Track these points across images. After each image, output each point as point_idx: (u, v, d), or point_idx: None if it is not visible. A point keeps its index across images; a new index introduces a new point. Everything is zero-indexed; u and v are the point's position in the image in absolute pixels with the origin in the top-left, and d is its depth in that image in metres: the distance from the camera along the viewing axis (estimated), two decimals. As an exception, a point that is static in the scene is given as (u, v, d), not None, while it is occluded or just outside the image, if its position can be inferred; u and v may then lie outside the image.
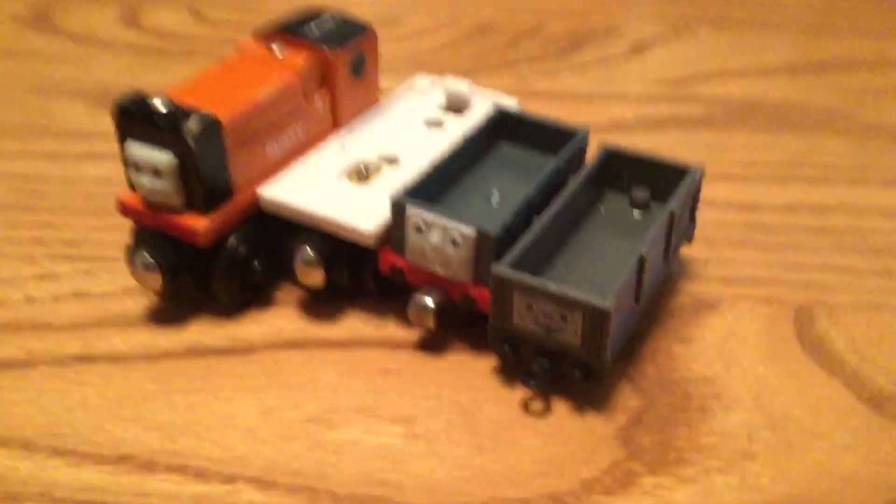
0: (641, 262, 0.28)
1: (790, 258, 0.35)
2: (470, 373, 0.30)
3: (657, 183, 0.33)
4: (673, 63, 0.51)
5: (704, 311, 0.33)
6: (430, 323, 0.30)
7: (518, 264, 0.28)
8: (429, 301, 0.29)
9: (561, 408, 0.29)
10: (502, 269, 0.27)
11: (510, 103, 0.37)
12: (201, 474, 0.26)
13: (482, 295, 0.29)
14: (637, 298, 0.29)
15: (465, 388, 0.29)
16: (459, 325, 0.31)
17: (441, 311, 0.30)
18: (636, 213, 0.33)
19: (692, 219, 0.33)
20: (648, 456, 0.27)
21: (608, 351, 0.27)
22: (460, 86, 0.37)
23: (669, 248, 0.31)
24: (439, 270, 0.29)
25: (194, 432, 0.28)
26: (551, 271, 0.30)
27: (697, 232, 0.34)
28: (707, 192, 0.39)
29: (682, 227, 0.32)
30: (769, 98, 0.47)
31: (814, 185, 0.40)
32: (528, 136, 0.35)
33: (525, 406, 0.28)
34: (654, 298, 0.32)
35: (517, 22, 0.55)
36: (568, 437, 0.28)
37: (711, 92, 0.48)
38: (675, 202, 0.30)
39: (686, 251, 0.35)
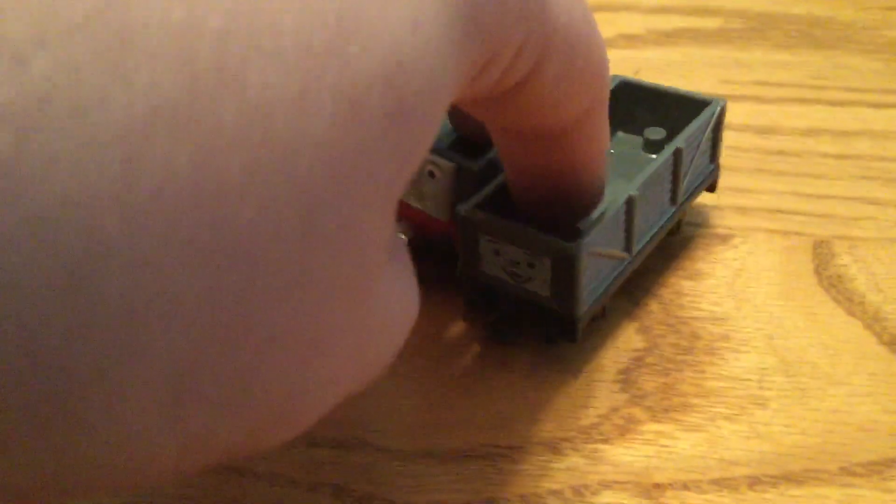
0: (629, 205, 0.25)
1: (809, 187, 0.33)
2: (459, 308, 0.28)
3: (675, 120, 0.29)
4: (688, -27, 0.47)
5: (716, 243, 0.30)
6: None
7: (489, 204, 0.25)
8: (399, 237, 0.27)
9: (557, 349, 0.26)
10: (466, 207, 0.24)
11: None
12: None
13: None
14: (628, 248, 0.26)
15: (455, 325, 0.27)
16: (439, 263, 0.29)
17: (414, 249, 0.27)
18: (650, 156, 0.29)
19: (713, 160, 0.29)
20: (651, 401, 0.25)
21: (580, 304, 0.24)
22: None
23: (678, 192, 0.27)
24: (413, 202, 0.27)
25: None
26: None
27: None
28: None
29: (699, 170, 0.29)
30: (791, 12, 0.44)
31: (836, 107, 0.37)
32: None
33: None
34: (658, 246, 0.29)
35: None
36: (564, 381, 0.26)
37: (729, 4, 0.44)
38: (683, 138, 0.27)
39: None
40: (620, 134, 0.30)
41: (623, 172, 0.28)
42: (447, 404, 0.25)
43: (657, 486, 0.23)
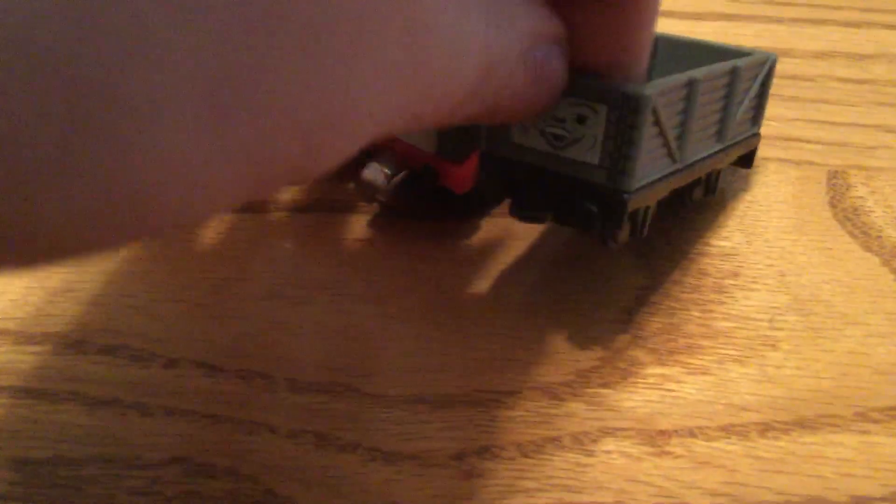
0: (692, 85, 0.21)
1: (823, 114, 0.31)
2: (452, 244, 0.26)
3: None
4: None
5: (726, 173, 0.28)
6: (383, 197, 0.26)
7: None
8: (384, 172, 0.25)
9: (555, 286, 0.25)
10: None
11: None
12: (140, 356, 0.23)
13: (447, 171, 0.24)
14: (679, 146, 0.22)
15: (446, 262, 0.26)
16: (426, 198, 0.27)
17: (400, 185, 0.25)
18: None
19: (756, 122, 0.26)
20: (655, 342, 0.23)
21: (637, 170, 0.20)
22: None
23: (727, 126, 0.24)
24: (401, 136, 0.25)
25: (132, 307, 0.24)
26: None
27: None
28: (731, 35, 0.34)
29: (743, 125, 0.25)
30: (804, -73, 0.41)
31: (852, 28, 0.35)
32: None
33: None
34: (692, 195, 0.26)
35: None
36: (563, 320, 0.24)
37: (739, -82, 0.42)
38: (743, 62, 0.24)
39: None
40: None
41: None
42: (438, 347, 0.23)
43: (662, 433, 0.21)
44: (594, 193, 0.21)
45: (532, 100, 0.18)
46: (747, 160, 0.27)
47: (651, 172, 0.21)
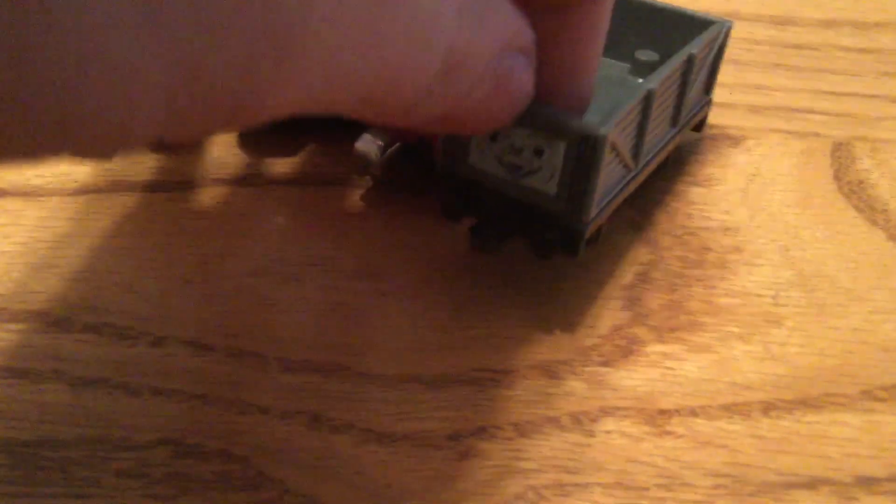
0: (647, 100, 0.22)
1: (828, 84, 0.31)
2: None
3: (671, 41, 0.26)
4: None
5: (727, 146, 0.28)
6: (377, 170, 0.25)
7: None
8: (378, 144, 0.24)
9: (554, 263, 0.24)
10: None
11: None
12: (126, 334, 0.22)
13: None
14: (635, 157, 0.23)
15: (443, 237, 0.25)
16: (419, 172, 0.26)
17: (391, 157, 0.25)
18: (640, 80, 0.26)
19: (708, 90, 0.27)
20: (656, 320, 0.23)
21: (593, 204, 0.21)
22: None
23: (681, 110, 0.25)
24: None
25: (118, 283, 0.23)
26: None
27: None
28: (733, 3, 0.34)
29: (694, 99, 0.26)
30: None
31: (857, -4, 0.35)
32: None
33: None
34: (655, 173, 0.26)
35: None
36: (562, 297, 0.24)
37: None
38: (696, 46, 0.24)
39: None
40: (605, 59, 0.26)
41: (611, 98, 0.25)
42: (433, 325, 0.23)
43: (663, 412, 0.21)
44: (551, 222, 0.22)
45: (494, 110, 0.18)
46: (698, 127, 0.28)
47: (607, 192, 0.22)
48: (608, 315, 0.23)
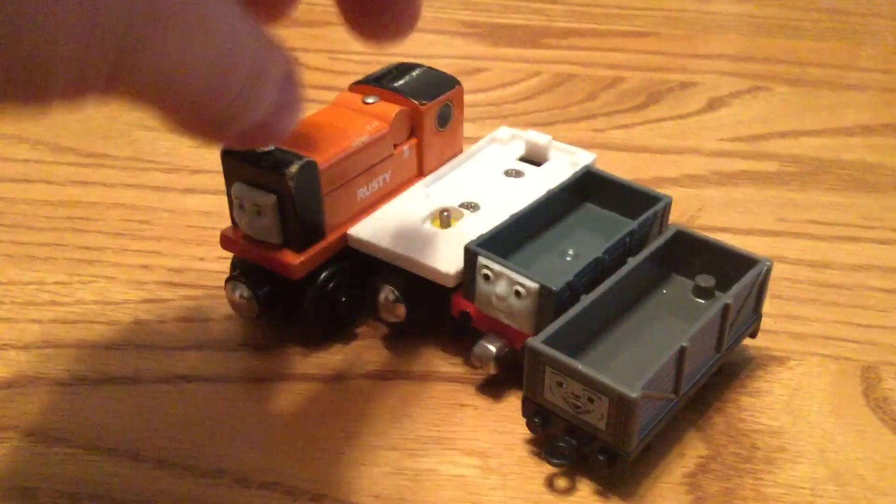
0: (681, 354, 0.28)
1: (859, 317, 0.36)
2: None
3: (725, 270, 0.32)
4: (748, 120, 0.52)
5: (773, 365, 0.34)
6: (492, 369, 0.31)
7: (558, 338, 0.28)
8: (491, 349, 0.31)
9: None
10: (536, 343, 0.28)
11: (589, 158, 0.38)
12: (291, 492, 0.29)
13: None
14: (676, 390, 0.29)
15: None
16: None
17: (504, 358, 0.31)
18: (698, 300, 0.32)
19: (757, 310, 0.32)
20: (714, 503, 0.28)
21: (634, 440, 0.27)
22: (540, 138, 0.39)
23: (724, 341, 0.30)
24: (504, 319, 0.31)
25: (286, 452, 0.30)
26: (596, 347, 0.30)
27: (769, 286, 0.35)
28: (778, 248, 0.40)
29: (743, 320, 0.32)
30: (843, 158, 0.48)
31: (885, 246, 0.41)
32: (612, 198, 0.36)
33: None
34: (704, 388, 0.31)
35: (596, 76, 0.57)
36: (635, 479, 0.29)
37: (786, 150, 0.49)
38: (733, 294, 0.30)
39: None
40: (674, 276, 0.34)
41: (672, 312, 0.32)
42: (529, 498, 0.28)
43: (719, 577, 0.26)
44: (605, 448, 0.27)
45: (283, 126, 0.19)
46: (753, 335, 0.33)
47: (650, 422, 0.28)
48: (673, 497, 0.28)
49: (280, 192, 0.31)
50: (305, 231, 0.32)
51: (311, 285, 0.33)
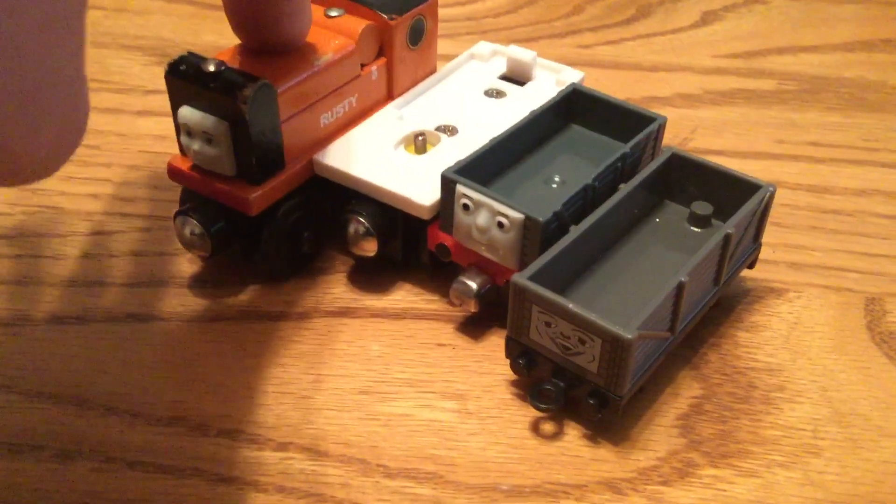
0: (679, 290, 0.26)
1: (862, 246, 0.34)
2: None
3: (723, 197, 0.29)
4: (743, 35, 0.49)
5: (771, 297, 0.32)
6: (472, 307, 0.29)
7: (546, 273, 0.26)
8: (471, 285, 0.29)
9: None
10: (521, 279, 0.25)
11: (576, 76, 0.35)
12: (254, 440, 0.26)
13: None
14: (672, 328, 0.27)
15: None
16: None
17: (485, 296, 0.29)
18: (695, 229, 0.30)
19: (756, 240, 0.30)
20: (708, 446, 0.26)
21: (627, 383, 0.25)
22: (524, 55, 0.36)
23: (722, 273, 0.28)
24: (485, 253, 0.28)
25: (248, 397, 0.28)
26: (586, 282, 0.28)
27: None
28: (777, 172, 0.38)
29: (742, 250, 0.29)
30: (843, 75, 0.45)
31: (889, 169, 0.38)
32: (601, 119, 0.33)
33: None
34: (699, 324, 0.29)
35: (581, -13, 0.53)
36: (626, 423, 0.27)
37: (784, 67, 0.46)
38: (734, 223, 0.27)
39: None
40: (669, 203, 0.31)
41: (667, 242, 0.30)
42: (513, 442, 0.26)
43: (714, 527, 0.24)
44: (596, 391, 0.25)
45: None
46: (751, 265, 0.31)
47: (645, 361, 0.26)
48: (667, 440, 0.26)
49: (233, 117, 0.28)
50: (262, 162, 0.29)
51: (270, 221, 0.30)
